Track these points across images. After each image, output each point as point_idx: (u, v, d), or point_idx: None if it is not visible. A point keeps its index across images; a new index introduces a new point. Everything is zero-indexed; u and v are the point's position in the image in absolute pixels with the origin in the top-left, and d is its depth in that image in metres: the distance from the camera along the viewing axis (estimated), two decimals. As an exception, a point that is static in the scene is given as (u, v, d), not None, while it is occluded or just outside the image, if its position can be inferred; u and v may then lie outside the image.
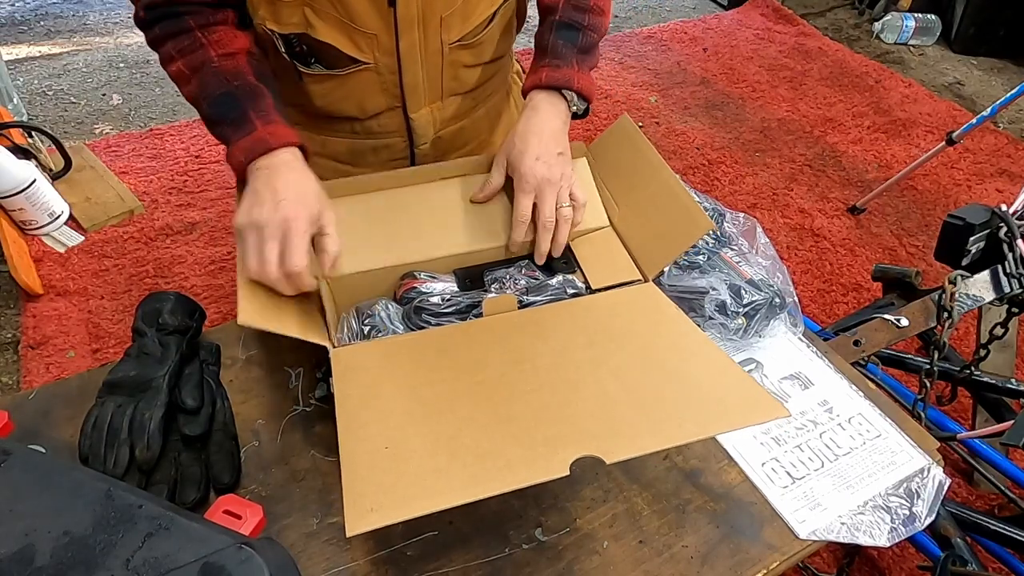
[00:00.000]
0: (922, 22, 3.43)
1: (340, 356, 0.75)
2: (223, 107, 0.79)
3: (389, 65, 0.87)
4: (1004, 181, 2.62)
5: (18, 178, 1.41)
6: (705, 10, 3.78)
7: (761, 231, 0.99)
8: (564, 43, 0.90)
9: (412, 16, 0.83)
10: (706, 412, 0.67)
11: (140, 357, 0.80)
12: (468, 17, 0.88)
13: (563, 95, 0.89)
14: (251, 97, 0.79)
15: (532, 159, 0.85)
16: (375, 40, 0.84)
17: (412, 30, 0.85)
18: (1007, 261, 1.16)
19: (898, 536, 0.74)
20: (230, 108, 0.79)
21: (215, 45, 0.80)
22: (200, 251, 2.13)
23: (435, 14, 0.85)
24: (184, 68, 0.80)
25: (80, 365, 1.80)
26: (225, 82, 0.79)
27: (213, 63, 0.79)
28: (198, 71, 0.80)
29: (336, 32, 0.82)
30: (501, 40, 0.96)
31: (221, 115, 0.79)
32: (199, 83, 0.80)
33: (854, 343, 1.13)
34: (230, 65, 0.80)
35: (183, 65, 0.80)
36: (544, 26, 0.93)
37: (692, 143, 2.72)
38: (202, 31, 0.80)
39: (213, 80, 0.79)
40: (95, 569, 0.54)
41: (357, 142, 0.99)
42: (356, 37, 0.83)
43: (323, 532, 0.72)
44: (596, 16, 0.93)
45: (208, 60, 0.80)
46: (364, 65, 0.86)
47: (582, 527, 0.74)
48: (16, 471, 0.60)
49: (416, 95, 0.93)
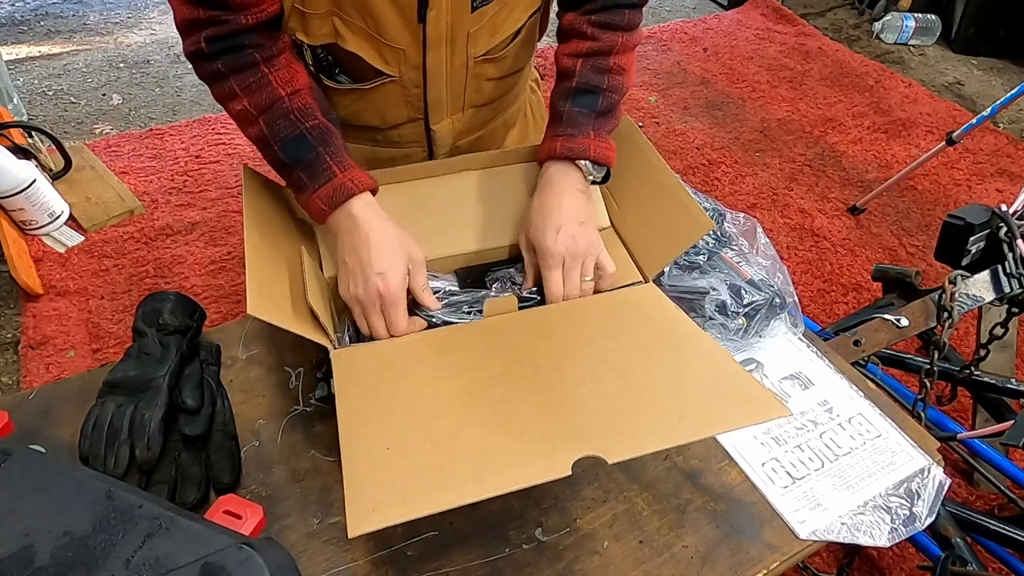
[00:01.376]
0: (922, 22, 3.43)
1: (341, 356, 0.75)
2: (297, 151, 0.78)
3: (414, 79, 0.87)
4: (1004, 181, 2.62)
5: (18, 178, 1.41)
6: (705, 10, 3.77)
7: (761, 231, 0.99)
8: (581, 110, 0.86)
9: (441, 33, 0.82)
10: (708, 411, 0.67)
11: (140, 357, 0.80)
12: (495, 32, 0.87)
13: (577, 165, 0.86)
14: (324, 141, 0.78)
15: (553, 233, 0.81)
16: (402, 55, 0.83)
17: (440, 46, 0.84)
18: (1007, 261, 1.16)
19: (898, 536, 0.74)
20: (304, 152, 0.78)
21: (283, 84, 0.78)
22: (200, 251, 2.13)
23: (463, 30, 0.84)
24: (250, 108, 0.78)
25: (80, 365, 1.80)
26: (296, 124, 0.78)
27: (283, 102, 0.78)
28: (266, 111, 0.78)
29: (364, 43, 0.82)
30: (523, 52, 0.96)
31: (295, 159, 0.78)
32: (268, 124, 0.78)
33: (854, 343, 1.13)
34: (299, 104, 0.78)
35: (249, 105, 0.78)
36: (560, 91, 0.88)
37: (692, 143, 2.72)
38: (267, 65, 0.78)
39: (284, 122, 0.78)
40: (95, 569, 0.54)
41: (377, 150, 0.99)
42: (384, 51, 0.83)
43: (323, 532, 0.72)
44: (616, 76, 0.87)
45: (278, 100, 0.77)
46: (390, 78, 0.86)
47: (582, 527, 0.74)
48: (16, 471, 0.60)
49: (439, 108, 0.93)
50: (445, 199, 0.91)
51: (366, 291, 0.75)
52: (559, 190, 0.85)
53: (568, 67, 0.87)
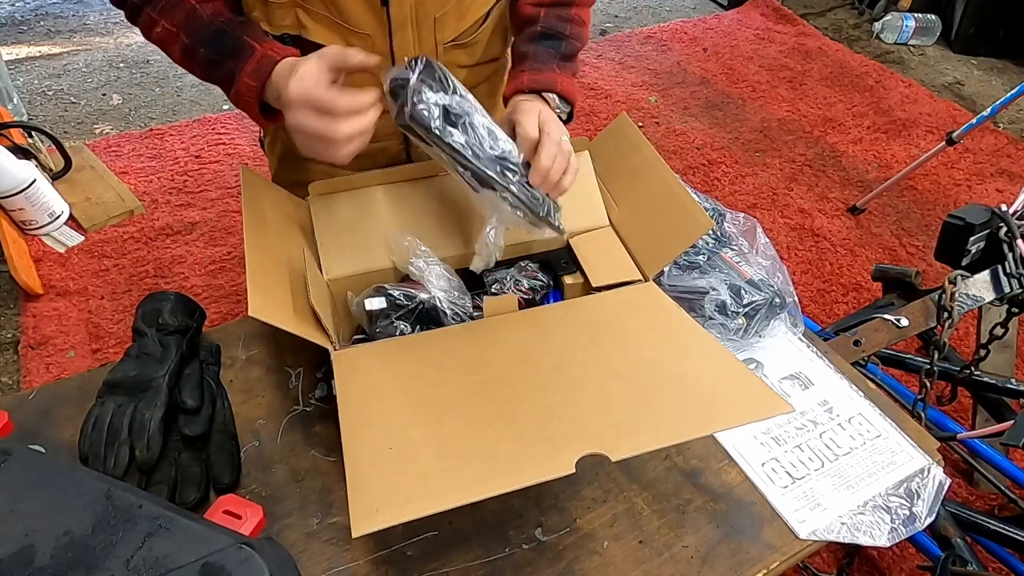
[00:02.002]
0: (922, 22, 3.43)
1: (342, 358, 0.75)
2: (219, 43, 0.76)
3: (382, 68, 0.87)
4: (1004, 181, 2.62)
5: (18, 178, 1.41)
6: (705, 10, 3.77)
7: (761, 231, 0.99)
8: (546, 50, 0.88)
9: (405, 16, 0.83)
10: (709, 409, 0.67)
11: (140, 357, 0.80)
12: (463, 16, 0.87)
13: (544, 99, 0.86)
14: (243, 27, 0.77)
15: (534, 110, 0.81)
16: (369, 41, 0.84)
17: (405, 29, 0.84)
18: (1007, 261, 1.16)
19: (898, 536, 0.74)
20: (226, 41, 0.76)
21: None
22: (200, 251, 2.13)
23: (428, 14, 0.84)
24: (169, 26, 0.78)
25: (80, 365, 1.80)
26: (213, 21, 0.77)
27: (196, 10, 0.77)
28: (184, 24, 0.78)
29: (329, 32, 0.82)
30: (496, 40, 0.96)
31: (219, 51, 0.76)
32: (188, 33, 0.77)
33: (854, 343, 1.13)
34: (212, 9, 0.78)
35: (167, 24, 0.78)
36: (524, 36, 0.91)
37: (692, 143, 2.72)
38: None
39: (201, 24, 0.77)
40: (95, 569, 0.54)
41: None
42: (349, 38, 0.83)
43: (323, 532, 0.72)
44: (577, 26, 0.91)
45: (191, 10, 0.77)
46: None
47: (582, 527, 0.74)
48: (16, 471, 0.60)
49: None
50: (445, 198, 0.91)
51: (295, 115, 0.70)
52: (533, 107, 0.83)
53: (531, 14, 0.90)
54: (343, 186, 0.88)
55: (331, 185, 0.87)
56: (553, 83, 0.86)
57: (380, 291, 0.80)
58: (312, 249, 0.87)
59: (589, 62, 3.18)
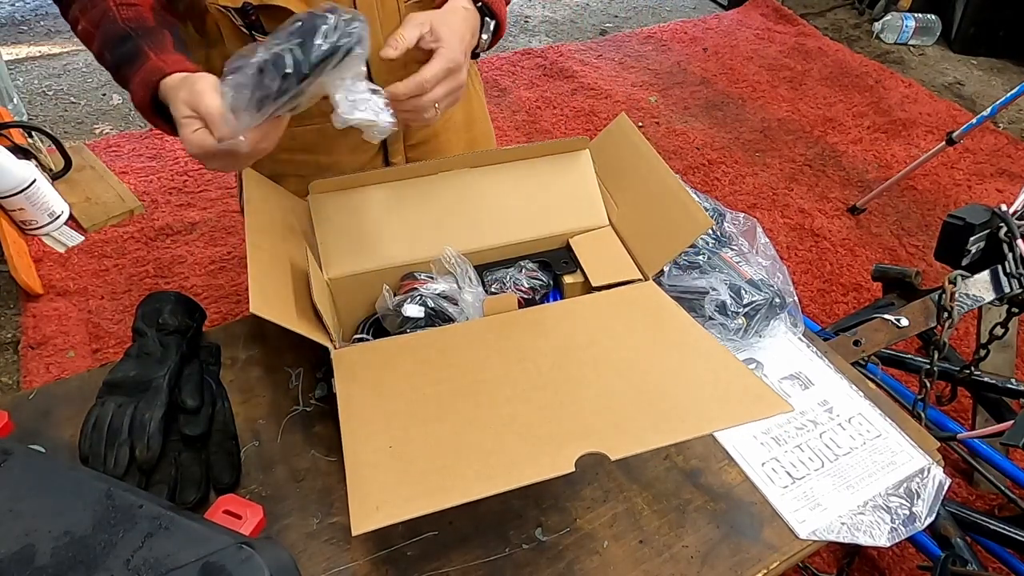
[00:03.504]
0: (922, 22, 3.43)
1: (342, 357, 0.75)
2: (121, 49, 0.77)
3: None
4: (1004, 181, 2.62)
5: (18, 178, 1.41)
6: (705, 10, 3.77)
7: (761, 231, 0.99)
8: None
9: None
10: (709, 408, 0.67)
11: (140, 357, 0.80)
12: None
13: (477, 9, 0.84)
14: (148, 36, 0.77)
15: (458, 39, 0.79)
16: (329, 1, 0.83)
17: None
18: (1007, 261, 1.16)
19: (898, 536, 0.74)
20: (128, 48, 0.76)
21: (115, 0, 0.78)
22: (200, 251, 2.13)
23: None
24: (88, 26, 0.79)
25: (80, 365, 1.80)
26: (124, 27, 0.77)
27: (111, 12, 0.78)
28: (99, 24, 0.78)
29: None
30: None
31: (120, 57, 0.77)
32: (101, 35, 0.78)
33: (854, 343, 1.13)
34: (130, 14, 0.78)
35: (87, 23, 0.79)
36: None
37: (692, 143, 2.72)
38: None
39: (112, 28, 0.78)
40: (95, 569, 0.54)
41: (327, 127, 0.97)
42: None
43: (323, 532, 0.72)
44: None
45: (106, 11, 0.78)
46: None
47: (582, 527, 0.74)
48: (16, 471, 0.60)
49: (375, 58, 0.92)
50: (445, 198, 0.91)
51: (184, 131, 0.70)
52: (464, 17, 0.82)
53: None
54: (343, 185, 0.88)
55: (331, 184, 0.87)
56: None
57: (416, 299, 0.81)
58: (312, 248, 0.87)
59: (589, 62, 3.18)
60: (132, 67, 0.76)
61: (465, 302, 0.82)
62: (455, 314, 0.82)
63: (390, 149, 1.03)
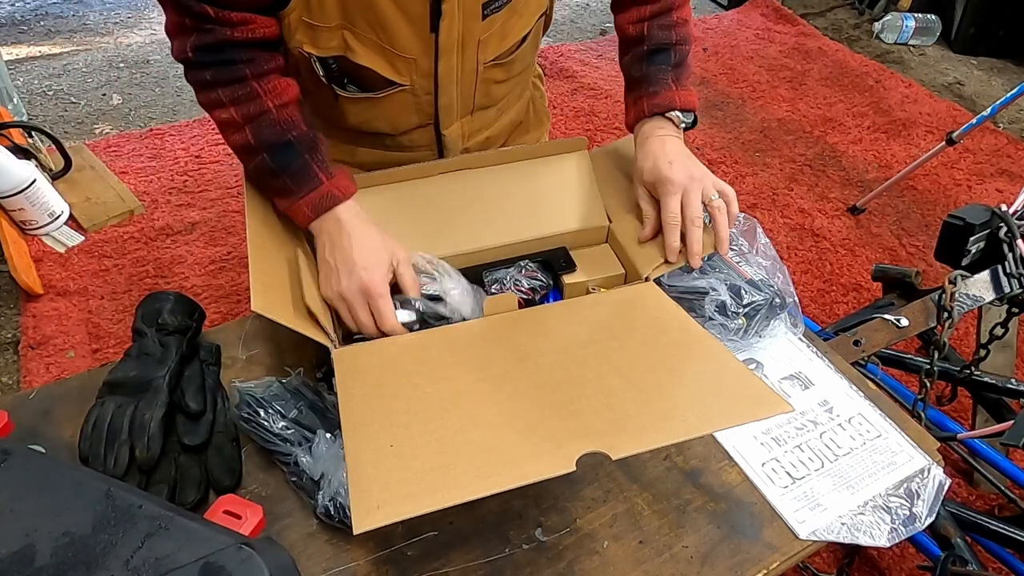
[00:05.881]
0: (922, 22, 3.43)
1: (343, 356, 0.75)
2: (285, 158, 0.79)
3: (425, 87, 0.87)
4: (1004, 181, 2.62)
5: (18, 178, 1.41)
6: (705, 10, 3.78)
7: (761, 231, 0.99)
8: (658, 67, 0.89)
9: (453, 41, 0.83)
10: (710, 407, 0.67)
11: (140, 357, 0.80)
12: (505, 38, 0.88)
13: (668, 117, 0.89)
14: (311, 149, 0.80)
15: (667, 164, 0.85)
16: (414, 64, 0.84)
17: (451, 54, 0.84)
18: (1007, 261, 1.16)
19: (898, 536, 0.74)
20: (292, 159, 0.79)
21: (271, 96, 0.79)
22: (200, 251, 2.13)
23: (474, 37, 0.84)
24: (237, 117, 0.79)
25: (80, 365, 1.80)
26: (284, 132, 0.79)
27: (271, 114, 0.79)
28: (252, 120, 0.79)
29: (375, 56, 0.82)
30: (529, 52, 0.97)
31: (282, 166, 0.79)
32: (255, 133, 0.79)
33: (854, 343, 1.13)
34: (287, 116, 0.80)
35: (236, 113, 0.79)
36: (632, 56, 0.92)
37: (692, 143, 2.72)
38: (258, 81, 0.78)
39: (271, 131, 0.79)
40: (95, 569, 0.54)
41: (387, 155, 0.99)
42: (395, 61, 0.83)
43: (323, 532, 0.72)
44: (682, 28, 0.91)
45: (266, 111, 0.79)
46: (401, 87, 0.86)
47: (582, 527, 0.74)
48: (16, 471, 0.60)
49: (449, 113, 0.93)
50: (444, 198, 0.91)
51: (349, 285, 0.76)
52: (660, 137, 0.87)
53: (636, 33, 0.91)
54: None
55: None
56: (672, 102, 0.88)
57: (408, 305, 0.81)
58: (309, 249, 0.87)
59: (589, 62, 3.19)
60: (302, 184, 0.80)
61: (453, 299, 0.81)
62: (448, 313, 0.81)
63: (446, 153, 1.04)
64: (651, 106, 0.88)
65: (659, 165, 0.85)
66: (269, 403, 0.77)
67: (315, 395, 0.80)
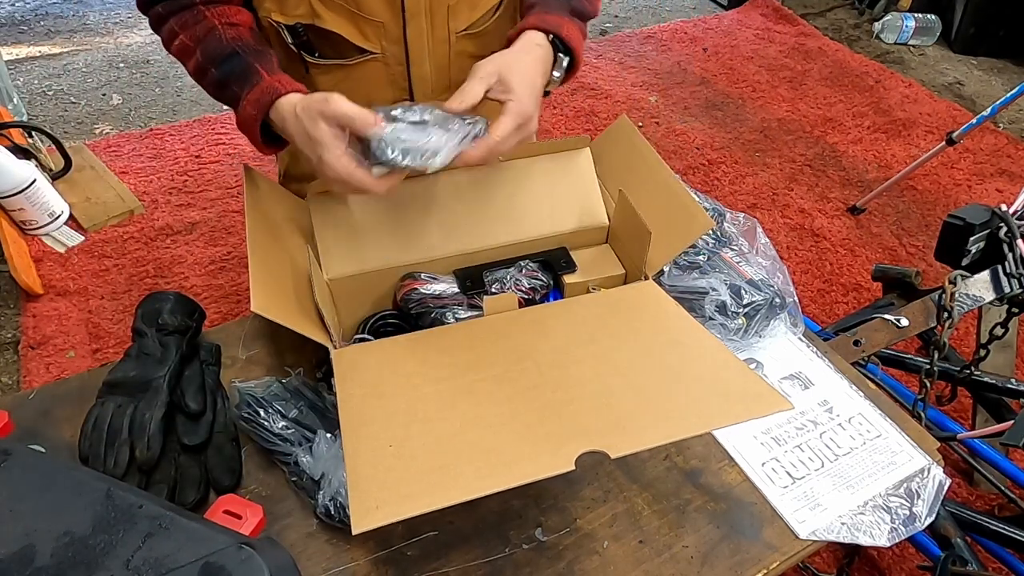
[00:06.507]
0: (922, 22, 3.43)
1: (342, 356, 0.75)
2: (230, 65, 0.79)
3: (397, 55, 0.87)
4: (1004, 181, 2.61)
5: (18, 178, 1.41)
6: (705, 10, 3.77)
7: (761, 231, 0.99)
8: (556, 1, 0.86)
9: (419, 5, 0.83)
10: (709, 406, 0.67)
11: (140, 357, 0.80)
12: (475, 6, 0.88)
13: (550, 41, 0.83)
14: (256, 54, 0.79)
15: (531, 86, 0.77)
16: (382, 29, 0.84)
17: (419, 18, 0.84)
18: (1007, 261, 1.16)
19: (898, 536, 0.74)
20: (236, 64, 0.78)
21: (218, 16, 0.80)
22: (200, 251, 2.13)
23: (442, 2, 0.84)
24: (187, 40, 0.80)
25: (80, 365, 1.80)
26: (229, 44, 0.79)
27: (217, 30, 0.80)
28: (201, 40, 0.80)
29: (343, 21, 0.82)
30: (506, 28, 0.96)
31: (227, 74, 0.79)
32: (203, 51, 0.80)
33: (854, 343, 1.13)
34: (234, 33, 0.80)
35: (186, 38, 0.80)
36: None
37: (692, 143, 2.72)
38: (206, 6, 0.80)
39: (217, 45, 0.79)
40: (95, 569, 0.54)
41: None
42: (363, 26, 0.83)
43: (323, 532, 0.72)
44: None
45: (212, 28, 0.80)
46: (372, 55, 0.86)
47: (582, 527, 0.74)
48: (16, 471, 0.60)
49: (424, 86, 0.92)
50: (445, 198, 0.91)
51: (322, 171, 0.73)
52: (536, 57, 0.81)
53: None
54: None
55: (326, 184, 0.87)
56: (559, 26, 0.83)
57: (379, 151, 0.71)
58: (313, 248, 0.87)
59: (589, 62, 3.18)
60: (244, 84, 0.77)
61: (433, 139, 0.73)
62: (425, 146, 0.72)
63: None
64: (540, 20, 0.83)
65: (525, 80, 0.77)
66: (269, 403, 0.77)
67: (315, 395, 0.80)
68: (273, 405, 0.77)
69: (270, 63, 0.80)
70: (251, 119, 0.77)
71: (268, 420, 0.76)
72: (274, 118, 0.76)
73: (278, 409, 0.77)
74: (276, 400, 0.77)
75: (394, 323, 0.87)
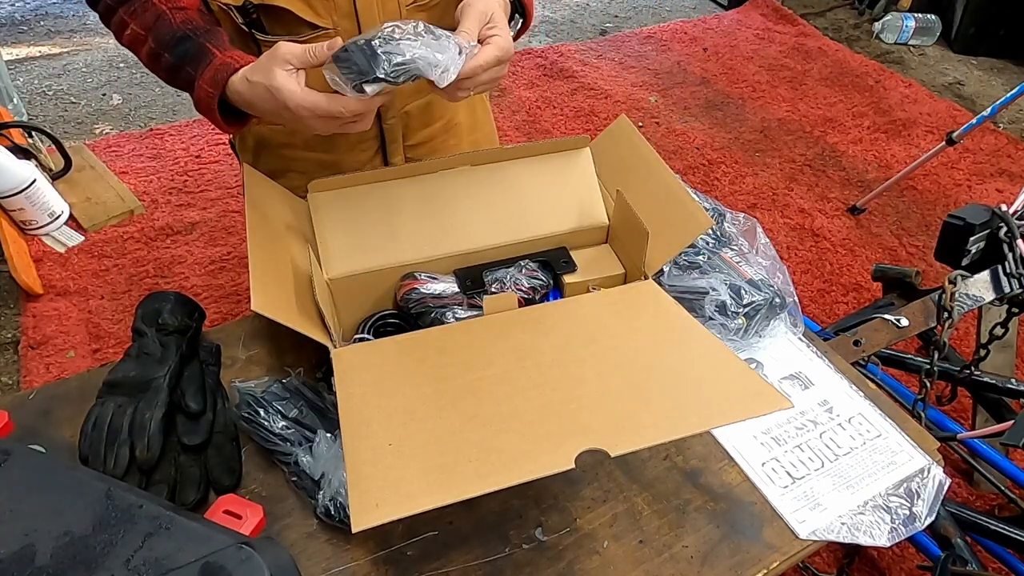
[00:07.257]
0: (922, 22, 3.43)
1: (342, 356, 0.75)
2: (182, 48, 0.78)
3: (349, 30, 0.87)
4: (1004, 181, 2.61)
5: (18, 178, 1.41)
6: (705, 10, 3.78)
7: (761, 231, 0.99)
8: None
9: None
10: (709, 404, 0.67)
11: (140, 357, 0.80)
12: None
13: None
14: (207, 35, 0.79)
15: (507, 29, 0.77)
16: (332, 3, 0.84)
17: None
18: (1007, 261, 1.16)
19: (898, 536, 0.74)
20: (188, 47, 0.78)
21: (166, 2, 0.80)
22: (200, 251, 2.13)
23: None
24: (138, 29, 0.80)
25: (80, 365, 1.80)
26: (180, 28, 0.79)
27: (166, 15, 0.80)
28: (152, 27, 0.80)
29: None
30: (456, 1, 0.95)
31: (181, 57, 0.78)
32: (155, 37, 0.80)
33: (854, 343, 1.13)
34: (183, 16, 0.80)
35: (136, 27, 0.80)
36: None
37: (692, 143, 2.72)
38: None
39: (168, 30, 0.79)
40: (95, 569, 0.54)
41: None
42: (313, 0, 0.83)
43: (323, 532, 0.72)
44: None
45: (161, 14, 0.80)
46: (323, 31, 0.86)
47: (582, 527, 0.74)
48: (16, 471, 0.60)
49: None
50: (444, 198, 0.91)
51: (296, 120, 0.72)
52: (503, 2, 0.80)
53: None
54: (343, 184, 0.88)
55: (331, 183, 0.87)
56: None
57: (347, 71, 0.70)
58: (313, 248, 0.87)
59: (589, 62, 3.18)
60: (198, 65, 0.77)
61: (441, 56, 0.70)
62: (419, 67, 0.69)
63: (389, 149, 1.04)
64: None
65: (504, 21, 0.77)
66: (269, 403, 0.77)
67: (315, 395, 0.80)
68: (273, 405, 0.77)
69: (221, 42, 0.80)
70: (208, 96, 0.77)
71: (268, 420, 0.76)
72: (231, 94, 0.76)
73: (278, 409, 0.77)
74: (276, 400, 0.77)
75: (394, 323, 0.87)
